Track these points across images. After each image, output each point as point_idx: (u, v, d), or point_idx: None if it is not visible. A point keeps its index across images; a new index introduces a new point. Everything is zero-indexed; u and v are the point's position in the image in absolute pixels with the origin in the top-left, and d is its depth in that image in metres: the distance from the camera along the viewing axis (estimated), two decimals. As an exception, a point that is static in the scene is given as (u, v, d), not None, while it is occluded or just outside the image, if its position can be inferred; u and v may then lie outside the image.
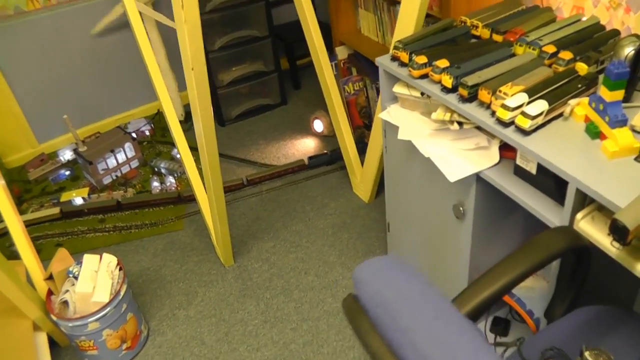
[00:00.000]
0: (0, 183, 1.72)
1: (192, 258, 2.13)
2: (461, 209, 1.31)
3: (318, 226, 2.19)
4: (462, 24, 1.46)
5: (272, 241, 2.14)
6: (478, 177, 1.21)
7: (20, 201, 2.63)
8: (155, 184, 2.55)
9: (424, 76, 1.30)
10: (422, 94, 1.34)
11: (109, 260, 1.76)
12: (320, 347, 1.70)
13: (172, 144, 2.87)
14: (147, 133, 2.97)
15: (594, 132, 1.04)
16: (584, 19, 1.38)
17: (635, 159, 0.98)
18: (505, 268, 0.88)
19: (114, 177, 2.65)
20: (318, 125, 2.76)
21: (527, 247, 0.91)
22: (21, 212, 2.52)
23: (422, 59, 1.29)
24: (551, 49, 1.25)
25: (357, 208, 2.27)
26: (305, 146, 2.72)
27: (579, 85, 1.11)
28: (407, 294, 0.56)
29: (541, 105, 1.06)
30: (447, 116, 1.24)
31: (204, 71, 1.50)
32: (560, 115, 1.11)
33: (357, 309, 0.60)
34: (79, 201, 2.53)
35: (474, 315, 0.86)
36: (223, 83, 2.85)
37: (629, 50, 1.07)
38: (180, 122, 3.04)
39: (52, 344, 1.82)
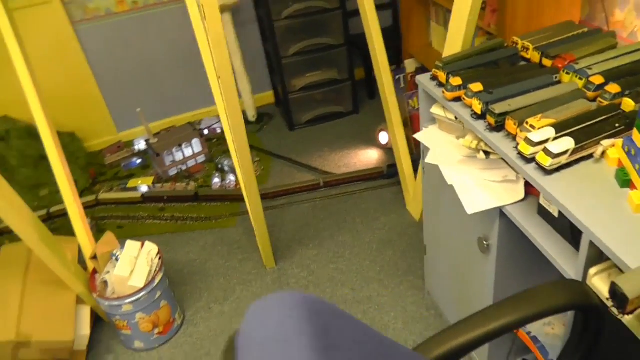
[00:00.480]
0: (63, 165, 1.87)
1: (237, 256, 2.18)
2: (485, 243, 1.23)
3: (364, 240, 2.15)
4: (514, 45, 1.37)
5: (316, 249, 2.14)
6: (501, 213, 1.13)
7: (95, 182, 2.85)
8: (216, 180, 2.65)
9: (458, 99, 1.24)
10: (456, 118, 1.27)
11: (150, 248, 1.85)
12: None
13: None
14: (219, 131, 3.10)
15: (623, 180, 0.93)
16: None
17: (668, 214, 0.86)
18: (488, 317, 0.81)
19: (179, 170, 2.79)
20: (383, 138, 2.72)
21: (522, 296, 0.83)
22: (93, 193, 2.74)
23: (457, 81, 1.22)
24: (599, 80, 1.13)
25: (407, 225, 2.20)
26: (368, 157, 2.69)
27: (617, 125, 1.00)
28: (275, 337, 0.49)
29: (567, 143, 0.97)
30: (474, 144, 1.17)
31: (230, 80, 1.53)
32: (591, 156, 1.00)
33: (229, 347, 0.54)
34: (143, 189, 2.69)
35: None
36: (295, 88, 2.90)
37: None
38: (252, 123, 3.14)
39: (98, 318, 1.96)
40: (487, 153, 1.17)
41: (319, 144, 2.87)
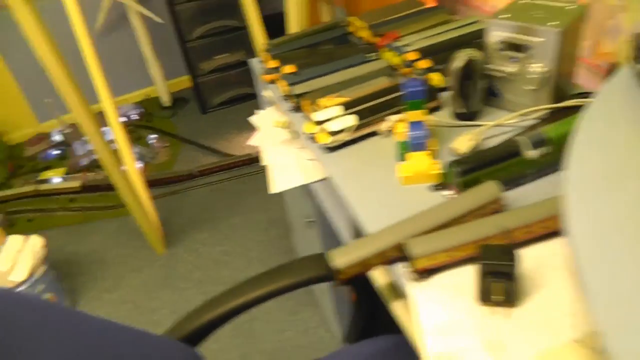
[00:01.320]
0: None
1: (134, 243, 2.18)
2: (307, 220, 1.24)
3: (255, 219, 2.16)
4: (349, 25, 1.36)
5: (207, 232, 2.14)
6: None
7: (13, 176, 2.81)
8: (124, 167, 2.62)
9: (275, 81, 1.23)
10: (283, 98, 1.27)
11: (35, 241, 1.84)
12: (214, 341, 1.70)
13: (154, 129, 2.93)
14: (137, 117, 3.06)
15: (401, 153, 0.94)
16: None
17: (435, 187, 0.87)
18: (240, 292, 0.83)
19: (91, 160, 2.75)
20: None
21: (273, 271, 0.85)
22: (8, 187, 2.69)
23: (274, 64, 1.22)
24: (414, 56, 1.13)
25: (303, 204, 2.22)
26: (276, 137, 2.68)
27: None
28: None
29: (347, 121, 0.97)
30: (285, 124, 1.17)
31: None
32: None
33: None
34: (56, 180, 2.65)
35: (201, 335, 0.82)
36: (204, 71, 2.86)
37: (457, 64, 0.95)
38: (166, 108, 3.11)
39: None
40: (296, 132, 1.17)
41: (228, 126, 2.85)
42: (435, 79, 1.06)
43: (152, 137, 2.82)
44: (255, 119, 1.38)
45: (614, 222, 0.53)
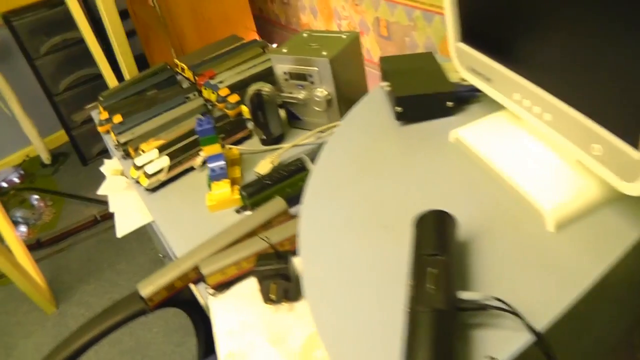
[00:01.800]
0: None
1: (23, 308, 2.14)
2: (160, 255, 1.31)
3: (139, 262, 2.19)
4: (175, 67, 1.46)
5: (95, 283, 2.15)
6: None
7: None
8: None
9: (109, 131, 1.31)
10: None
11: None
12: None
13: (36, 189, 2.87)
14: (17, 181, 2.98)
15: (208, 184, 1.04)
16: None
17: (237, 210, 0.98)
18: (70, 341, 0.89)
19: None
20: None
21: (98, 316, 0.90)
22: None
23: (104, 115, 1.29)
24: (225, 92, 1.24)
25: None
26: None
27: (221, 134, 1.11)
28: None
29: (162, 162, 1.07)
30: (119, 171, 1.25)
31: None
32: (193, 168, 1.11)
33: None
34: None
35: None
36: (77, 123, 2.85)
37: (247, 97, 1.07)
38: (48, 165, 3.06)
39: None
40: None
41: (111, 173, 2.85)
42: (245, 110, 1.18)
43: (35, 198, 2.77)
44: (103, 168, 1.44)
45: (331, 226, 0.66)
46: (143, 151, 1.11)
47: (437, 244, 0.49)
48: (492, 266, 0.51)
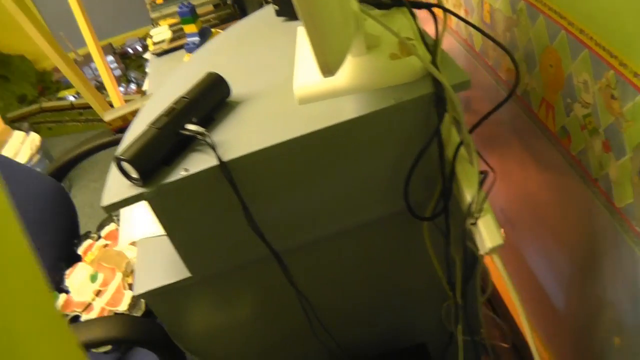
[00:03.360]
0: None
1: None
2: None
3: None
4: None
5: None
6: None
7: (41, 95, 3.35)
8: (121, 88, 3.08)
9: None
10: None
11: (33, 137, 2.34)
12: None
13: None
14: (139, 49, 3.48)
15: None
16: None
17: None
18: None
19: (97, 82, 3.23)
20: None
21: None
22: (37, 103, 3.24)
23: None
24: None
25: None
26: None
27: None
28: None
29: (165, 34, 1.31)
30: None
31: None
32: None
33: None
34: (70, 98, 3.16)
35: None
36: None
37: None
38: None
39: None
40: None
41: None
42: None
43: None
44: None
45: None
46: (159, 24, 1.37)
47: (195, 91, 0.68)
48: (247, 118, 0.69)
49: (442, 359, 1.00)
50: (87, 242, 1.24)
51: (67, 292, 1.15)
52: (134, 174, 0.63)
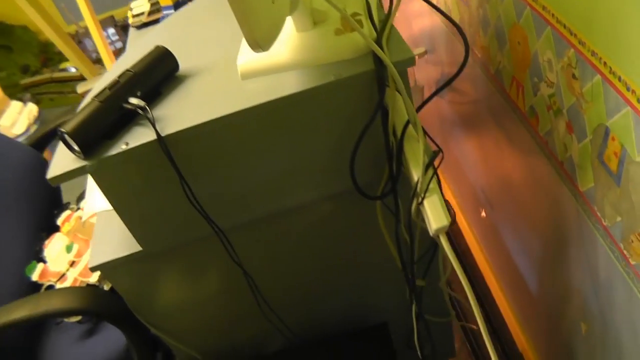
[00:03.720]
0: None
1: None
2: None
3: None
4: None
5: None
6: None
7: (43, 66, 3.35)
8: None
9: None
10: None
11: (31, 107, 2.35)
12: None
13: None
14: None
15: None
16: None
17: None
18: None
19: (97, 54, 3.22)
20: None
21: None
22: (39, 74, 3.25)
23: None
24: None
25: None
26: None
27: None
28: None
29: (144, 7, 1.29)
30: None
31: None
32: None
33: None
34: (71, 69, 3.16)
35: None
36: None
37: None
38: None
39: None
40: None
41: None
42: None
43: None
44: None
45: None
46: (139, -4, 1.34)
47: (140, 65, 0.67)
48: (193, 93, 0.67)
49: (406, 339, 0.99)
50: (65, 213, 1.25)
51: (45, 262, 1.17)
52: (76, 147, 0.63)
